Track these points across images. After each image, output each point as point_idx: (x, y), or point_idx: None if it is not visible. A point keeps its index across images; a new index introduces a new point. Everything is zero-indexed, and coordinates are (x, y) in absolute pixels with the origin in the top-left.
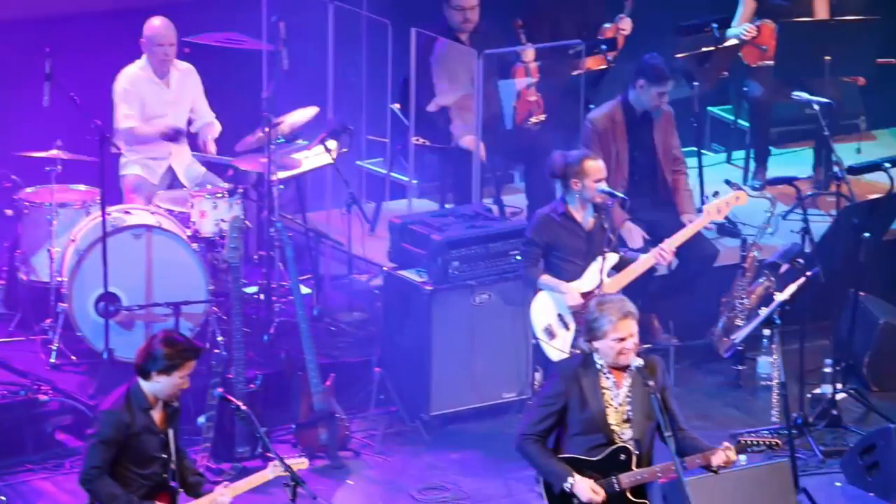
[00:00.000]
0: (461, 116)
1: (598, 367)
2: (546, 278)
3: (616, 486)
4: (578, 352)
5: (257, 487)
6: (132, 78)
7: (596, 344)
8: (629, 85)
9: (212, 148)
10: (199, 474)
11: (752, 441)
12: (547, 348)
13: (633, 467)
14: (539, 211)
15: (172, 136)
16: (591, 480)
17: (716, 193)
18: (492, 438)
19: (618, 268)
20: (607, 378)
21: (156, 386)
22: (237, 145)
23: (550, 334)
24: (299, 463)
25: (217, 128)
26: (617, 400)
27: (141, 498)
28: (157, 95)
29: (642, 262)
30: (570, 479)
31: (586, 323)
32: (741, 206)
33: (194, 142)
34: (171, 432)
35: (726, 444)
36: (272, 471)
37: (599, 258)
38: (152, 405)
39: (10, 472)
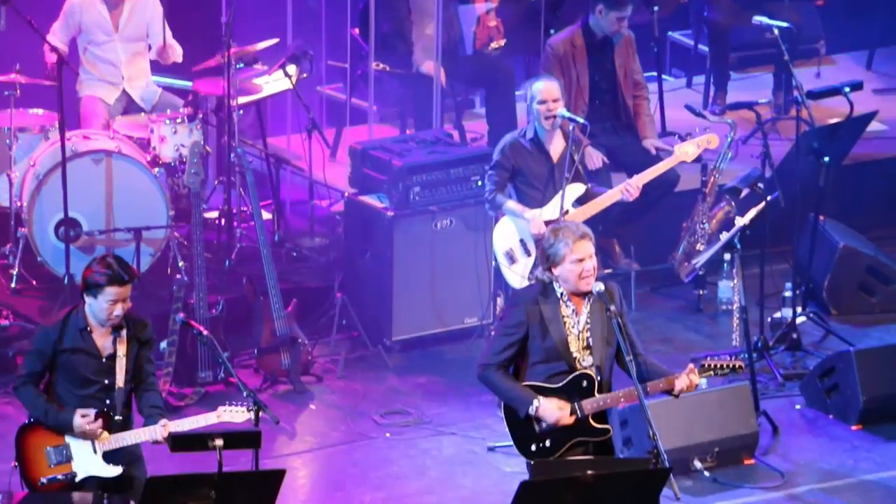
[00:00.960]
0: (420, 41)
1: (559, 295)
2: (511, 204)
3: (579, 412)
4: (535, 281)
5: None
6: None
7: (556, 271)
8: (589, 10)
9: (173, 57)
10: (157, 406)
11: (715, 364)
12: (507, 273)
13: (596, 394)
14: (507, 135)
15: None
16: (556, 399)
17: (688, 135)
18: (454, 363)
19: (583, 200)
20: (567, 306)
21: (89, 308)
22: (194, 68)
23: (511, 259)
24: (237, 411)
25: (176, 50)
26: (577, 327)
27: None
28: (99, 25)
29: (608, 196)
30: (535, 402)
31: (543, 251)
32: (712, 149)
33: (157, 64)
34: (120, 358)
35: (690, 366)
36: (219, 415)
37: (567, 187)
38: (91, 327)
39: None
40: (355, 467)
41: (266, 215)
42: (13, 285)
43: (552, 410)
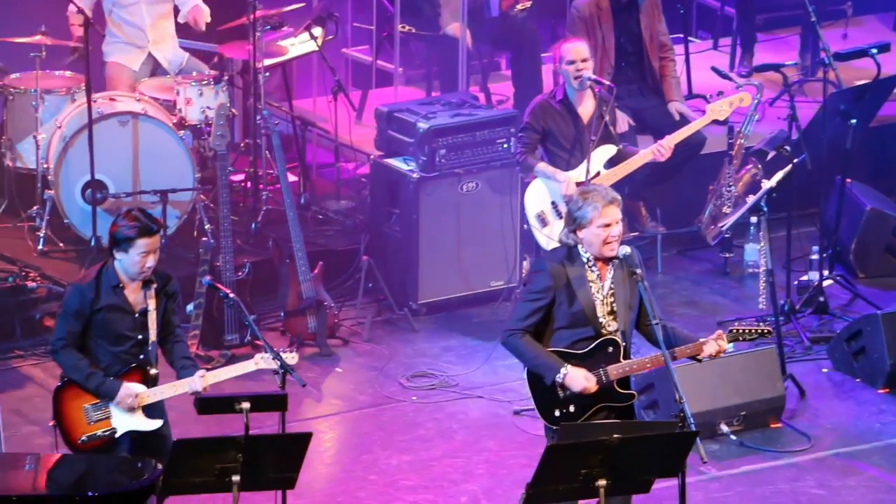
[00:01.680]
0: (448, 3)
1: (584, 259)
2: (543, 166)
3: (604, 377)
4: (560, 245)
5: (248, 374)
6: None
7: (581, 233)
8: None
9: (202, 25)
10: (188, 357)
11: (742, 330)
12: (538, 235)
13: (621, 359)
14: (537, 97)
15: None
16: (584, 369)
17: (720, 93)
18: (480, 326)
19: (615, 161)
20: (592, 271)
21: (120, 263)
22: (219, 27)
23: (543, 221)
24: (289, 357)
25: (206, 10)
26: (602, 292)
27: (115, 375)
28: None
29: (640, 157)
30: (562, 370)
31: (570, 213)
32: (743, 107)
33: (182, 28)
34: (151, 313)
35: (718, 332)
36: (256, 363)
37: (598, 149)
38: (123, 283)
39: None
40: (381, 430)
41: (292, 178)
42: (40, 247)
43: (579, 379)
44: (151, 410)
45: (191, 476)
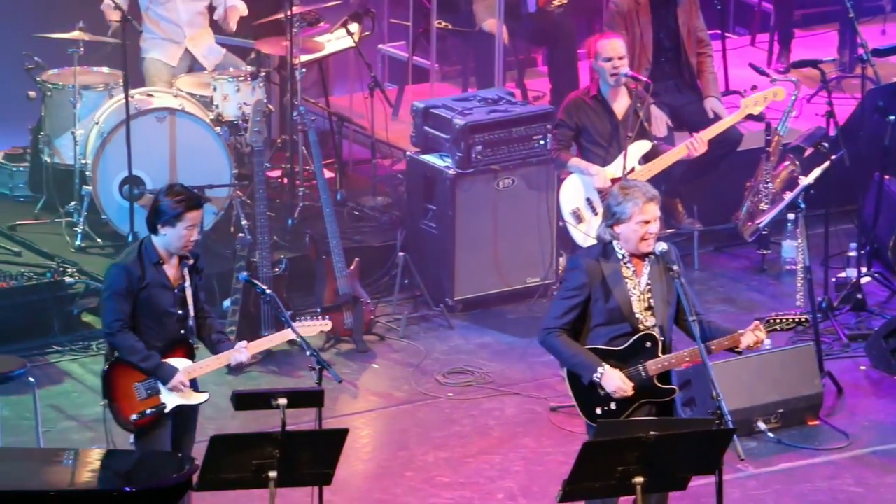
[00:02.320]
0: (483, 0)
1: (620, 255)
2: (576, 160)
3: (643, 373)
4: (596, 241)
5: (284, 370)
6: None
7: (618, 229)
8: None
9: (232, 25)
10: (222, 332)
11: (779, 319)
12: (574, 232)
13: (660, 354)
14: (571, 94)
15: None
16: (620, 371)
17: (754, 87)
18: (516, 323)
19: (649, 156)
20: (628, 267)
21: (164, 239)
22: (256, 22)
23: (578, 218)
24: (323, 325)
25: (241, 9)
26: (639, 288)
27: (160, 352)
28: None
29: (674, 153)
30: (599, 370)
31: (608, 208)
32: (778, 101)
33: (219, 24)
34: (188, 289)
35: (756, 322)
36: (293, 331)
37: (632, 144)
38: (164, 260)
39: (37, 353)
40: (418, 427)
41: (328, 174)
42: (78, 243)
43: (615, 381)
44: (195, 384)
45: (227, 471)
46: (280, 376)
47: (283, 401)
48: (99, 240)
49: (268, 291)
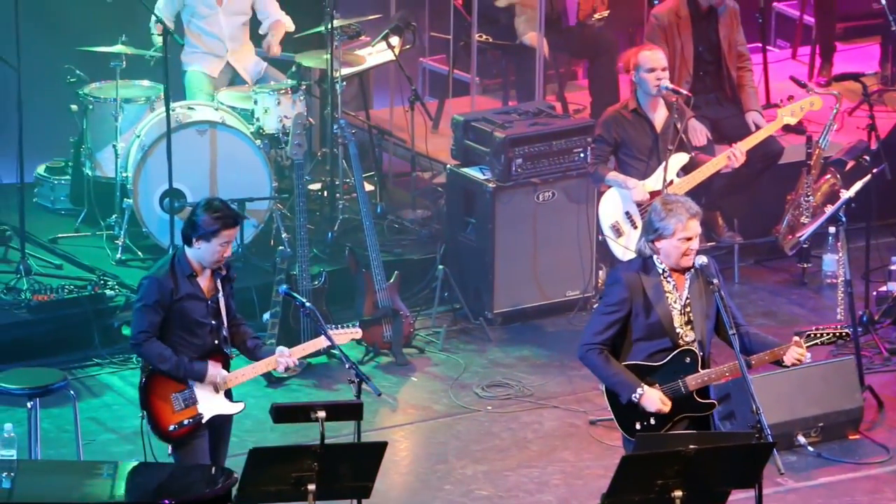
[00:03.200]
0: (524, 13)
1: (660, 270)
2: (614, 174)
3: (683, 388)
4: (636, 255)
5: (323, 383)
6: None
7: (659, 244)
8: None
9: (276, 50)
10: (257, 338)
11: (819, 333)
12: (613, 246)
13: (700, 369)
14: (609, 108)
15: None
16: (660, 391)
17: (790, 98)
18: (555, 336)
19: (687, 168)
20: (668, 281)
21: (198, 252)
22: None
23: (617, 232)
24: (354, 332)
25: (287, 24)
26: (679, 303)
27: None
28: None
29: (713, 164)
30: (638, 391)
31: (650, 223)
32: (815, 111)
33: (259, 37)
34: (221, 299)
35: (796, 338)
36: (335, 337)
37: (671, 157)
38: (197, 272)
39: (78, 366)
40: (457, 440)
41: (368, 187)
42: (119, 256)
43: (655, 401)
44: (230, 394)
45: (266, 484)
46: (319, 389)
47: (322, 413)
48: (139, 253)
49: (307, 304)
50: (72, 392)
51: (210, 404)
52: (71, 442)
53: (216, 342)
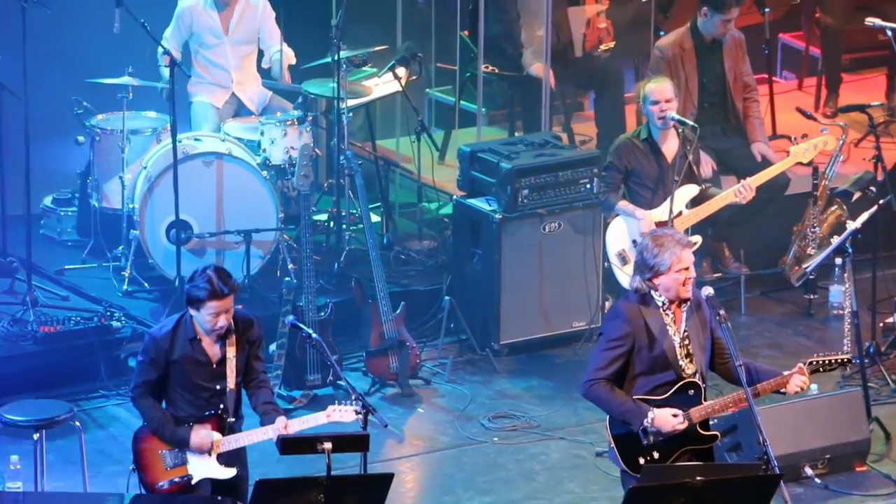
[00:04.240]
0: (531, 44)
1: (659, 304)
2: (623, 203)
3: (688, 421)
4: (633, 291)
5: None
6: (190, 3)
7: (658, 280)
8: (697, 12)
9: (287, 77)
10: (270, 402)
11: (823, 361)
12: (619, 274)
13: (703, 401)
14: (621, 136)
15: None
16: (667, 407)
17: (804, 136)
18: (562, 367)
19: (697, 201)
20: (667, 314)
21: (195, 318)
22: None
23: (623, 260)
24: (356, 411)
25: (290, 55)
26: (679, 335)
27: (192, 423)
28: (209, 29)
29: (722, 198)
30: (650, 414)
31: (643, 262)
32: (828, 150)
33: (265, 72)
34: (231, 361)
35: (800, 366)
36: (329, 415)
37: (680, 189)
38: (199, 336)
39: (84, 397)
40: (463, 471)
41: (375, 218)
42: (125, 287)
43: (667, 419)
44: (227, 458)
45: None
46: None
47: (328, 445)
48: (146, 284)
49: (314, 335)
50: (78, 424)
51: (200, 466)
52: (77, 473)
53: (220, 405)
